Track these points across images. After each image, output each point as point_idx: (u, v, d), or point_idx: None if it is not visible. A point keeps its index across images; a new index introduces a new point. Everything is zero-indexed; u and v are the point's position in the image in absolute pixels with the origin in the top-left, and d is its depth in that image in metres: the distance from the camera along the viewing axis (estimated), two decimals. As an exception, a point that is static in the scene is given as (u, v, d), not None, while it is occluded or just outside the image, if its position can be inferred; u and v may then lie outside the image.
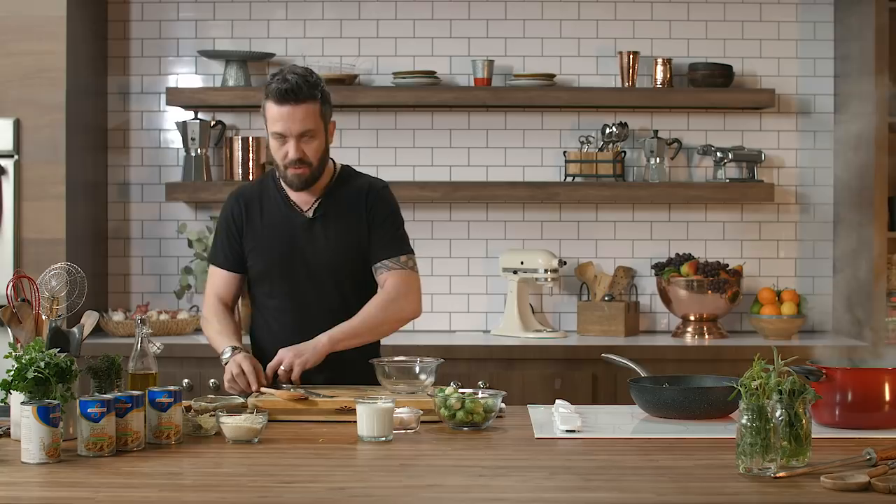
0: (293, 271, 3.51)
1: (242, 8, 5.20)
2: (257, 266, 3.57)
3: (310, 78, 3.43)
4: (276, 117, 3.41)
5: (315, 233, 3.52)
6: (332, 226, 3.52)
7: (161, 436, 2.82)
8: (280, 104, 3.40)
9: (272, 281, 3.55)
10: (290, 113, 3.39)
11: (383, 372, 3.28)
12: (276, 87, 3.40)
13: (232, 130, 5.21)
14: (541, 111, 5.18)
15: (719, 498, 2.34)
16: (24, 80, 4.68)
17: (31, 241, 4.66)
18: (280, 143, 3.44)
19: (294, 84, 3.39)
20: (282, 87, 3.39)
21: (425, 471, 2.60)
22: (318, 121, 3.44)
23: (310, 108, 3.41)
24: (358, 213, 3.53)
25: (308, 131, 3.42)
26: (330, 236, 3.51)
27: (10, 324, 2.99)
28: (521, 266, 5.01)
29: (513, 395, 4.18)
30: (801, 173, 5.21)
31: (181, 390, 2.89)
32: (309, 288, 3.52)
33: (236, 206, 3.60)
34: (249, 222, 3.56)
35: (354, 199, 3.55)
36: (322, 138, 3.46)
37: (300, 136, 3.41)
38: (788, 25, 5.19)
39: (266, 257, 3.54)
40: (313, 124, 3.42)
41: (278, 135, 3.43)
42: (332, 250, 3.51)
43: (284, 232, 3.53)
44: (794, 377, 2.62)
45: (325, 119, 3.47)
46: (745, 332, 5.14)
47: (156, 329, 4.77)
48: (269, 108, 3.43)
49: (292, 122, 3.40)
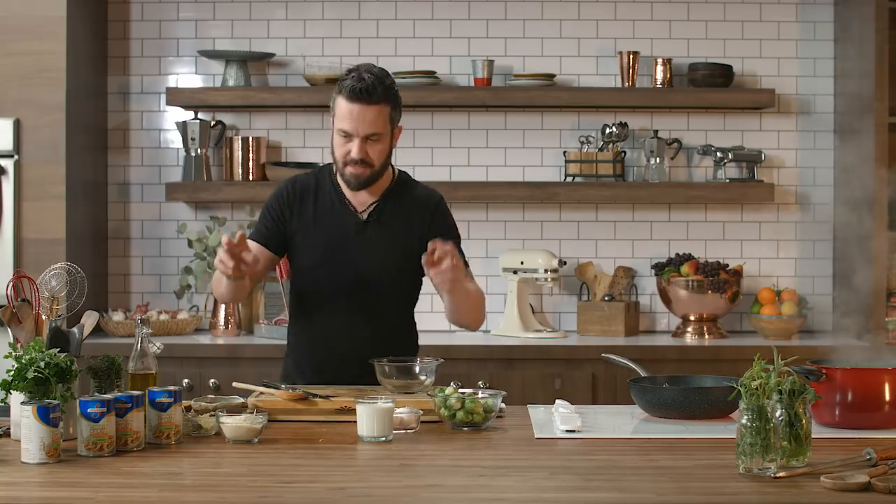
0: (340, 271, 3.46)
1: (242, 8, 5.21)
2: (304, 261, 3.50)
3: (385, 80, 3.38)
4: (345, 115, 3.35)
5: (367, 236, 3.47)
6: (385, 231, 3.47)
7: (161, 436, 2.82)
8: (351, 102, 3.33)
9: (317, 278, 3.49)
10: (360, 113, 3.33)
11: (383, 372, 3.28)
12: (350, 84, 3.33)
13: (232, 130, 5.21)
14: (541, 111, 5.18)
15: (719, 498, 2.34)
16: (24, 80, 4.68)
17: (31, 241, 4.66)
18: (344, 140, 3.38)
19: (369, 84, 3.33)
20: (357, 85, 3.32)
21: (425, 471, 2.60)
22: (387, 124, 3.38)
23: (381, 111, 3.36)
24: (415, 223, 3.48)
25: (375, 134, 3.36)
26: (382, 241, 3.47)
27: (10, 324, 2.99)
28: (521, 266, 5.01)
29: (513, 395, 4.18)
30: (801, 173, 5.21)
31: (181, 390, 2.89)
32: (353, 290, 3.47)
33: (290, 191, 3.50)
34: (301, 213, 3.49)
35: (413, 207, 3.50)
36: (387, 142, 3.40)
37: (366, 138, 3.35)
38: (788, 25, 5.19)
39: (315, 253, 3.47)
40: (381, 127, 3.37)
41: (344, 132, 3.37)
42: (382, 255, 3.47)
43: (335, 230, 3.47)
44: (794, 377, 2.62)
45: (394, 123, 3.41)
46: (745, 332, 5.14)
47: (156, 329, 4.77)
48: (339, 103, 3.36)
49: (360, 123, 3.34)
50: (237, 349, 4.70)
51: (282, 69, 5.22)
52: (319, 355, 3.51)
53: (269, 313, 4.96)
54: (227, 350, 4.70)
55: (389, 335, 3.53)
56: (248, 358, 4.64)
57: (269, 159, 5.16)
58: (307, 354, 3.53)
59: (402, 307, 3.56)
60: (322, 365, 3.49)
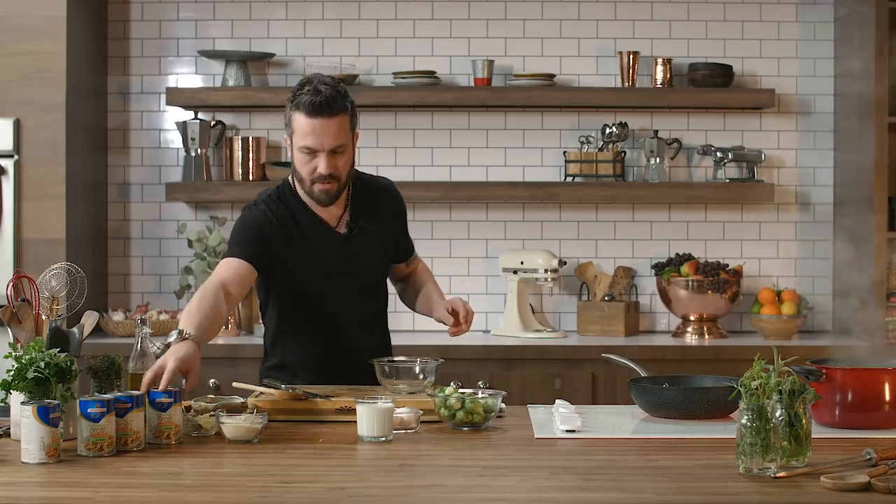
0: (336, 289, 3.43)
1: (242, 8, 5.21)
2: (293, 285, 3.41)
3: (340, 89, 3.29)
4: (306, 131, 3.25)
5: (353, 249, 3.43)
6: (368, 239, 3.46)
7: (161, 436, 2.82)
8: (312, 117, 3.24)
9: (309, 298, 3.42)
10: (324, 126, 3.24)
11: (383, 372, 3.28)
12: (308, 99, 3.23)
13: (232, 130, 5.21)
14: (541, 111, 5.18)
15: (719, 498, 2.34)
16: (24, 80, 4.68)
17: (31, 241, 4.66)
18: (309, 157, 3.29)
19: (328, 96, 3.24)
20: (315, 99, 3.23)
21: (425, 471, 2.60)
22: (349, 133, 3.32)
23: (342, 121, 3.28)
24: (388, 220, 3.51)
25: (340, 146, 3.29)
26: (368, 250, 3.46)
27: (10, 324, 2.99)
28: (521, 266, 5.01)
29: (513, 395, 4.18)
30: (801, 173, 5.21)
31: (181, 390, 2.88)
32: (351, 302, 3.45)
33: (271, 218, 3.37)
34: (287, 238, 3.38)
35: (380, 206, 3.49)
36: (351, 152, 3.35)
37: (332, 151, 3.28)
38: (788, 25, 5.19)
39: (307, 275, 3.39)
40: (345, 138, 3.29)
41: (308, 149, 3.27)
42: (372, 263, 3.48)
43: (322, 250, 3.40)
44: (794, 377, 2.62)
45: (353, 130, 3.35)
46: (745, 332, 5.14)
47: (156, 329, 4.77)
48: (297, 120, 3.26)
49: (325, 137, 3.25)
50: (237, 349, 4.70)
51: (282, 69, 5.22)
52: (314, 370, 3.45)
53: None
54: (227, 350, 4.70)
55: (381, 337, 3.58)
56: (248, 358, 4.63)
57: (269, 159, 5.16)
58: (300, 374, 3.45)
59: (384, 304, 3.60)
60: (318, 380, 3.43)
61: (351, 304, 3.47)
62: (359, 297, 3.48)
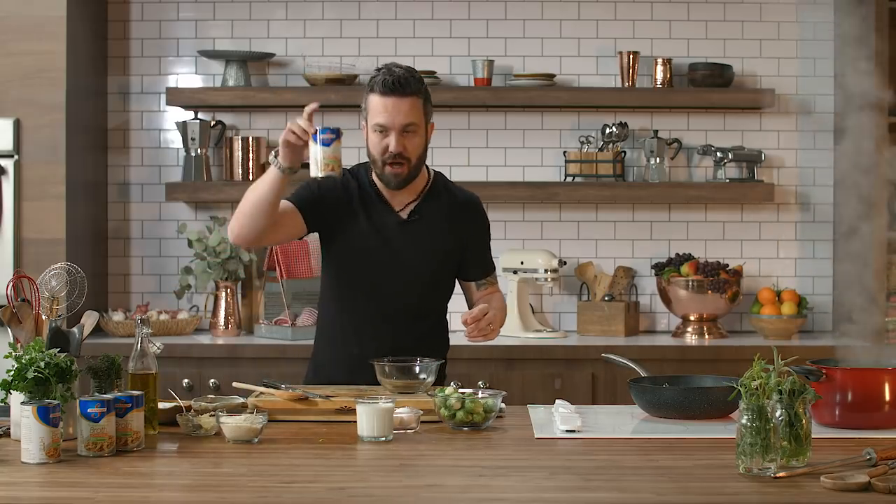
0: (381, 269, 3.47)
1: (242, 8, 5.21)
2: (345, 255, 3.49)
3: (416, 74, 3.42)
4: (379, 108, 3.36)
5: (409, 235, 3.48)
6: (426, 230, 3.48)
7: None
8: (386, 95, 3.35)
9: (358, 274, 3.48)
10: (396, 105, 3.35)
11: (383, 372, 3.28)
12: (382, 78, 3.36)
13: (232, 130, 5.21)
14: (541, 111, 5.18)
15: (719, 498, 2.34)
16: (24, 80, 4.68)
17: (31, 241, 4.66)
18: (381, 136, 3.38)
19: (401, 76, 3.36)
20: (389, 78, 3.36)
21: (425, 471, 2.60)
22: (421, 116, 3.40)
23: (415, 102, 3.38)
24: (455, 224, 3.52)
25: (411, 125, 3.38)
26: (423, 240, 3.48)
27: (10, 324, 2.99)
28: (521, 266, 5.01)
29: (513, 395, 4.18)
30: (801, 173, 5.21)
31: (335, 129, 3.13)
32: (393, 287, 3.48)
33: (337, 185, 3.46)
34: (348, 206, 3.47)
35: (453, 208, 3.52)
36: (423, 136, 3.42)
37: (403, 130, 3.37)
38: (788, 25, 5.19)
39: (358, 251, 3.47)
40: (417, 118, 3.38)
41: (380, 126, 3.37)
42: (422, 255, 3.48)
43: (379, 229, 3.47)
44: (794, 377, 2.62)
45: (427, 117, 3.43)
46: (745, 332, 5.14)
47: (156, 329, 4.78)
48: (372, 100, 3.38)
49: (397, 114, 3.35)
50: (237, 349, 4.70)
51: (282, 69, 5.22)
52: (352, 350, 3.48)
53: (268, 313, 4.96)
54: (227, 350, 4.70)
55: (424, 334, 3.55)
56: (248, 358, 4.64)
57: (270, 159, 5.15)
58: (341, 348, 3.51)
59: (438, 306, 3.59)
60: (353, 360, 3.45)
61: (393, 288, 3.48)
62: (405, 287, 3.48)
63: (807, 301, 5.05)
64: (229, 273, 4.97)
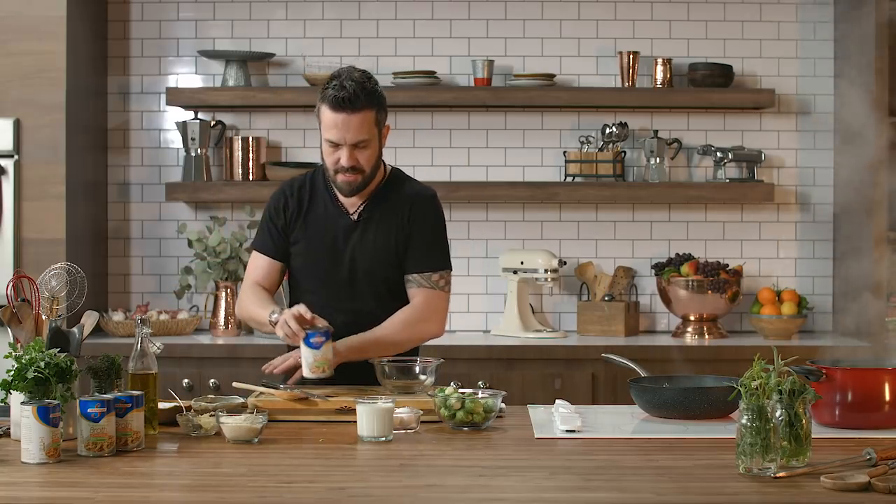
0: (332, 271, 3.48)
1: (242, 8, 5.21)
2: (298, 261, 3.53)
3: (367, 84, 3.36)
4: (329, 125, 3.36)
5: (357, 236, 3.48)
6: (374, 230, 3.48)
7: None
8: (335, 111, 3.33)
9: (311, 278, 3.52)
10: (345, 121, 3.34)
11: (383, 372, 3.28)
12: (332, 94, 3.33)
13: (232, 130, 5.21)
14: (541, 111, 5.18)
15: (719, 498, 2.34)
16: (24, 80, 4.68)
17: (31, 241, 4.66)
18: (332, 149, 3.39)
19: (351, 92, 3.32)
20: (339, 94, 3.32)
21: (425, 471, 2.60)
22: (373, 128, 3.38)
23: (365, 117, 3.35)
24: (400, 220, 3.48)
25: (362, 141, 3.37)
26: (370, 241, 3.47)
27: (10, 324, 2.99)
28: (521, 266, 5.01)
29: (513, 395, 4.18)
30: (801, 173, 5.21)
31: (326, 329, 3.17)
32: (346, 289, 3.48)
33: (284, 199, 3.54)
34: (297, 217, 3.52)
35: (400, 205, 3.49)
36: (376, 146, 3.41)
37: (354, 146, 3.37)
38: (788, 25, 5.19)
39: (308, 254, 3.51)
40: (367, 133, 3.37)
41: (331, 142, 3.38)
42: (370, 255, 3.47)
43: (328, 232, 3.49)
44: (794, 377, 2.62)
45: (380, 125, 3.42)
46: (745, 332, 5.14)
47: (156, 329, 4.77)
48: (323, 112, 3.37)
49: (346, 132, 3.35)
50: (237, 349, 4.70)
51: (282, 69, 5.22)
52: None
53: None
54: (227, 350, 4.70)
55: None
56: (248, 358, 4.64)
57: (269, 159, 5.16)
58: None
59: (396, 300, 3.51)
60: None
61: (343, 293, 3.48)
62: (350, 287, 3.48)
63: (807, 301, 5.05)
64: (229, 273, 4.97)
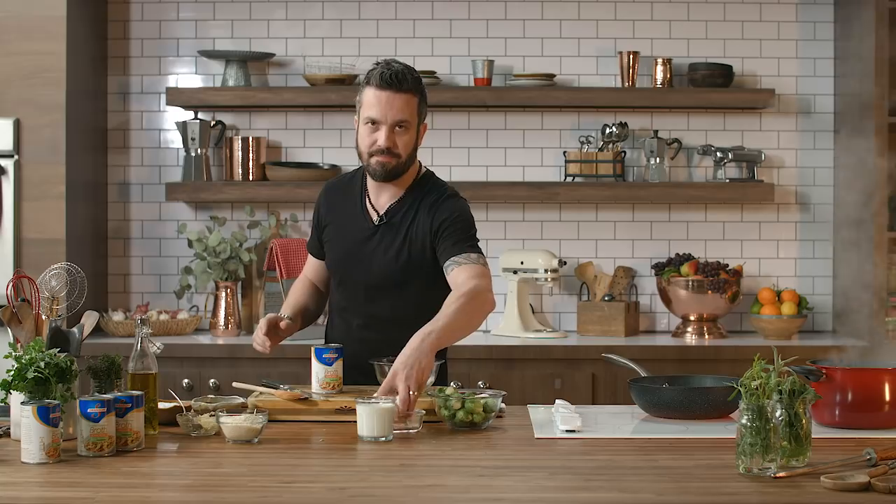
0: (350, 274, 3.49)
1: (242, 8, 5.21)
2: (327, 260, 3.58)
3: (414, 72, 3.40)
4: (373, 102, 3.33)
5: (375, 241, 3.45)
6: (394, 233, 3.44)
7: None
8: (381, 89, 3.32)
9: (335, 277, 3.56)
10: (389, 99, 3.32)
11: (383, 372, 3.27)
12: (380, 71, 3.33)
13: (232, 130, 5.21)
14: (541, 111, 5.18)
15: (719, 498, 2.34)
16: (24, 80, 4.68)
17: (31, 241, 4.66)
18: (371, 129, 3.35)
19: (399, 71, 3.33)
20: (386, 72, 3.33)
21: (425, 471, 2.60)
22: (414, 114, 3.37)
23: (409, 100, 3.34)
24: (422, 223, 3.43)
25: (403, 122, 3.34)
26: (389, 244, 3.44)
27: (10, 324, 2.99)
28: (521, 266, 5.01)
29: (513, 395, 4.18)
30: (801, 173, 5.21)
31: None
32: (362, 293, 3.48)
33: (322, 198, 3.60)
34: (330, 219, 3.54)
35: (423, 207, 3.45)
36: (414, 134, 3.39)
37: (394, 126, 3.34)
38: (788, 25, 5.19)
39: (331, 256, 3.54)
40: (409, 115, 3.35)
41: (371, 120, 3.34)
42: (389, 259, 3.44)
43: (349, 234, 3.49)
44: (794, 377, 2.62)
45: (420, 116, 3.40)
46: (745, 332, 5.14)
47: (156, 329, 4.78)
48: (366, 93, 3.36)
49: (389, 109, 3.32)
50: (237, 349, 4.70)
51: (282, 69, 5.22)
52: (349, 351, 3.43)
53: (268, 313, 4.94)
54: (227, 350, 4.70)
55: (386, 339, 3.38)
56: (248, 358, 4.64)
57: (269, 159, 5.16)
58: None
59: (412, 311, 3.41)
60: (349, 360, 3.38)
61: (360, 296, 3.49)
62: (366, 291, 3.48)
63: (807, 301, 5.05)
64: (229, 273, 4.97)
